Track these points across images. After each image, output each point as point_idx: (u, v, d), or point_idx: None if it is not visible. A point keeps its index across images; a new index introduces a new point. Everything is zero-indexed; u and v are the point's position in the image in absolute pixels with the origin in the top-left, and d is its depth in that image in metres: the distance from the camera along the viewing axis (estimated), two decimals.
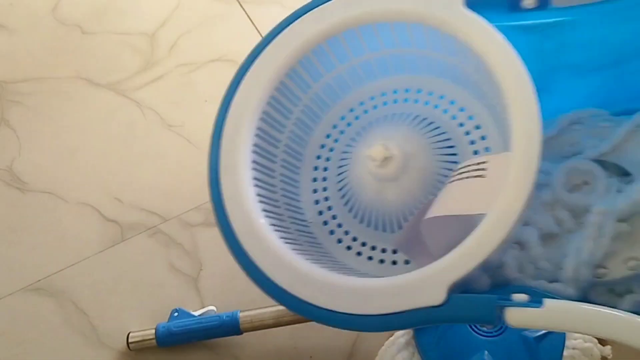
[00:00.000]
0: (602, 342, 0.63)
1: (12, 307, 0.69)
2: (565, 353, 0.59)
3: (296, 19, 0.47)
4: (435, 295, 0.37)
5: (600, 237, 0.43)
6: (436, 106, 0.50)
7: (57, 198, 0.76)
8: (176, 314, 0.64)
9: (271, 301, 0.64)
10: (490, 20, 0.43)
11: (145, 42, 0.90)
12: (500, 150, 0.45)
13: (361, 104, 0.53)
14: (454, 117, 0.49)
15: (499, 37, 0.41)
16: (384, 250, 0.50)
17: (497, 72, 0.40)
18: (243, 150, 0.45)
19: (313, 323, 0.63)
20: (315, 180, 0.52)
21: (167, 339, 0.63)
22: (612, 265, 0.44)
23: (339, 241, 0.51)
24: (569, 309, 0.36)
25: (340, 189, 0.50)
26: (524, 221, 0.44)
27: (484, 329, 0.60)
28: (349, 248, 0.51)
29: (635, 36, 0.47)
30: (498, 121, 0.46)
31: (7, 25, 0.93)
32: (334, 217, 0.51)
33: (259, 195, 0.45)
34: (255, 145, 0.46)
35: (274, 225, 0.45)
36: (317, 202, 0.51)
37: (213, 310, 0.66)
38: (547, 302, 0.36)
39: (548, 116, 0.44)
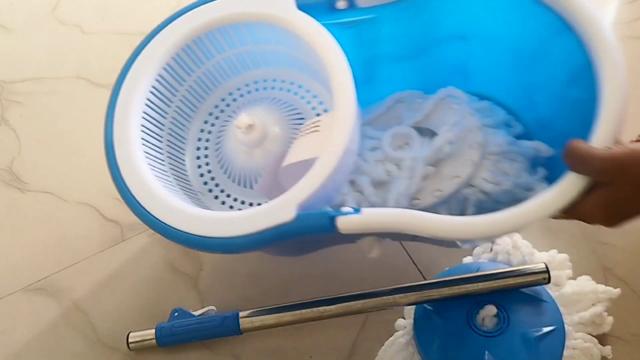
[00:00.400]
0: (602, 342, 0.63)
1: (12, 307, 0.69)
2: (565, 353, 0.59)
3: (169, 23, 0.60)
4: (287, 214, 0.49)
5: (413, 177, 0.58)
6: (288, 90, 0.63)
7: (57, 198, 0.76)
8: (176, 314, 0.64)
9: (270, 301, 0.65)
10: (316, 19, 0.55)
11: None
12: None
13: (230, 94, 0.65)
14: (302, 98, 0.63)
15: (323, 30, 0.54)
16: (259, 204, 0.61)
17: (322, 55, 0.53)
18: (132, 130, 0.55)
19: (313, 323, 0.63)
20: (198, 158, 0.64)
21: (167, 339, 0.63)
22: (423, 196, 0.59)
23: (223, 203, 0.63)
24: (379, 211, 0.49)
25: (219, 161, 0.62)
26: (361, 172, 0.59)
27: (484, 328, 0.60)
28: (231, 207, 0.63)
29: (424, 31, 0.60)
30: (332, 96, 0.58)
31: (7, 25, 0.93)
32: (217, 185, 0.63)
33: (149, 164, 0.55)
34: (143, 126, 0.56)
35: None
36: (201, 175, 0.63)
37: (213, 310, 0.66)
38: (364, 209, 0.49)
39: (378, 98, 0.63)
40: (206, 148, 0.63)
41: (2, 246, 0.73)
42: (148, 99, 0.58)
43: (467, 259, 0.67)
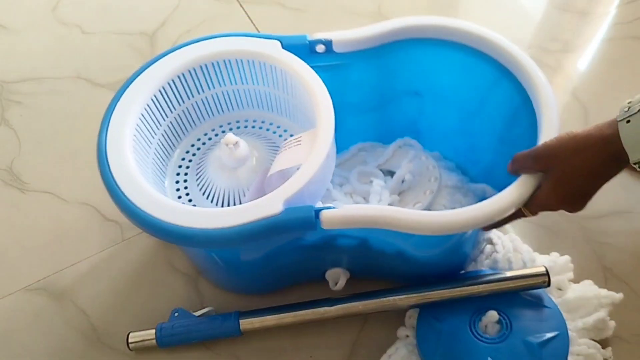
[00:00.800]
0: (603, 346, 0.63)
1: (12, 307, 0.69)
2: (569, 359, 0.59)
3: (173, 52, 0.63)
4: (275, 208, 0.52)
5: (381, 201, 0.67)
6: (260, 127, 0.70)
7: (57, 198, 0.76)
8: (176, 314, 0.64)
9: (270, 302, 0.65)
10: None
11: (145, 42, 0.90)
12: None
13: (212, 129, 0.70)
14: (274, 132, 0.70)
15: (305, 65, 0.61)
16: None
17: (305, 83, 0.60)
18: (123, 152, 0.58)
19: (313, 325, 0.63)
20: (178, 190, 0.66)
21: (168, 339, 0.63)
22: None
23: None
24: (360, 206, 0.55)
25: (200, 188, 0.64)
26: (333, 199, 0.68)
27: (487, 335, 0.60)
28: None
29: (386, 81, 0.67)
30: (305, 129, 0.64)
31: (7, 25, 0.93)
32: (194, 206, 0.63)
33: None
34: (134, 139, 0.59)
35: None
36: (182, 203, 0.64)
37: (213, 310, 0.66)
38: (345, 205, 0.54)
39: (343, 148, 0.73)
40: (185, 180, 0.66)
41: (2, 246, 0.73)
42: (137, 125, 0.60)
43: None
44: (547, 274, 0.61)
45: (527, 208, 0.54)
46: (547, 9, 0.94)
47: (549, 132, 0.55)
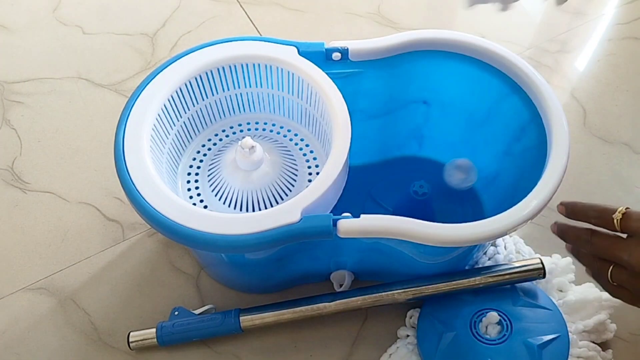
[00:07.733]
0: (604, 348, 0.63)
1: (12, 306, 0.69)
2: None
3: (172, 63, 0.63)
4: (293, 216, 0.53)
5: None
6: (275, 132, 0.70)
7: (58, 198, 0.76)
8: (177, 312, 0.64)
9: (271, 299, 0.65)
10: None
11: (145, 43, 0.90)
12: (320, 155, 0.67)
13: (223, 130, 0.70)
14: (285, 136, 0.70)
15: (321, 72, 0.62)
16: None
17: (320, 90, 0.61)
18: (140, 150, 0.58)
19: (314, 322, 0.63)
20: (189, 190, 0.66)
21: (168, 338, 0.63)
22: None
23: None
24: (378, 217, 0.54)
25: (213, 190, 0.64)
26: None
27: (487, 337, 0.60)
28: None
29: (397, 90, 0.68)
30: (319, 138, 0.67)
31: (7, 25, 0.93)
32: (205, 207, 0.64)
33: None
34: (151, 141, 0.60)
35: None
36: (194, 204, 0.64)
37: (213, 308, 0.66)
38: (363, 215, 0.54)
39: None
40: (196, 181, 0.66)
41: (4, 245, 0.73)
42: (153, 126, 0.61)
43: None
44: (542, 265, 0.62)
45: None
46: (546, 9, 0.94)
47: (559, 150, 0.55)
